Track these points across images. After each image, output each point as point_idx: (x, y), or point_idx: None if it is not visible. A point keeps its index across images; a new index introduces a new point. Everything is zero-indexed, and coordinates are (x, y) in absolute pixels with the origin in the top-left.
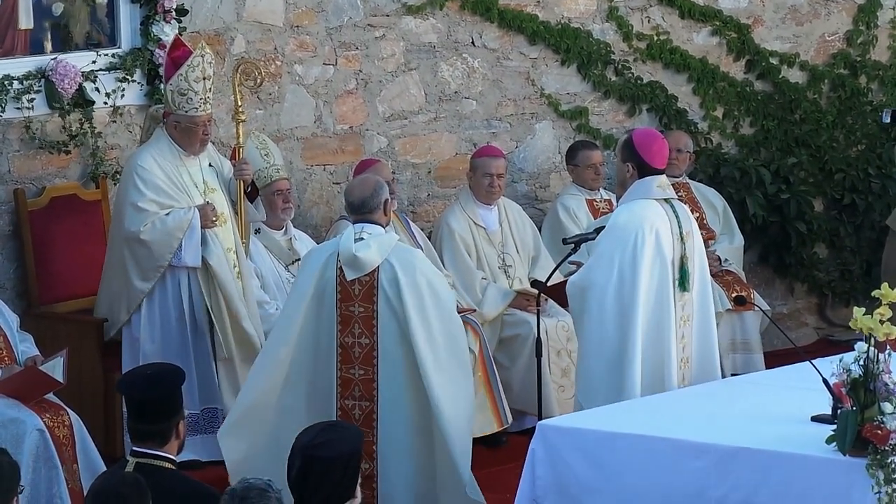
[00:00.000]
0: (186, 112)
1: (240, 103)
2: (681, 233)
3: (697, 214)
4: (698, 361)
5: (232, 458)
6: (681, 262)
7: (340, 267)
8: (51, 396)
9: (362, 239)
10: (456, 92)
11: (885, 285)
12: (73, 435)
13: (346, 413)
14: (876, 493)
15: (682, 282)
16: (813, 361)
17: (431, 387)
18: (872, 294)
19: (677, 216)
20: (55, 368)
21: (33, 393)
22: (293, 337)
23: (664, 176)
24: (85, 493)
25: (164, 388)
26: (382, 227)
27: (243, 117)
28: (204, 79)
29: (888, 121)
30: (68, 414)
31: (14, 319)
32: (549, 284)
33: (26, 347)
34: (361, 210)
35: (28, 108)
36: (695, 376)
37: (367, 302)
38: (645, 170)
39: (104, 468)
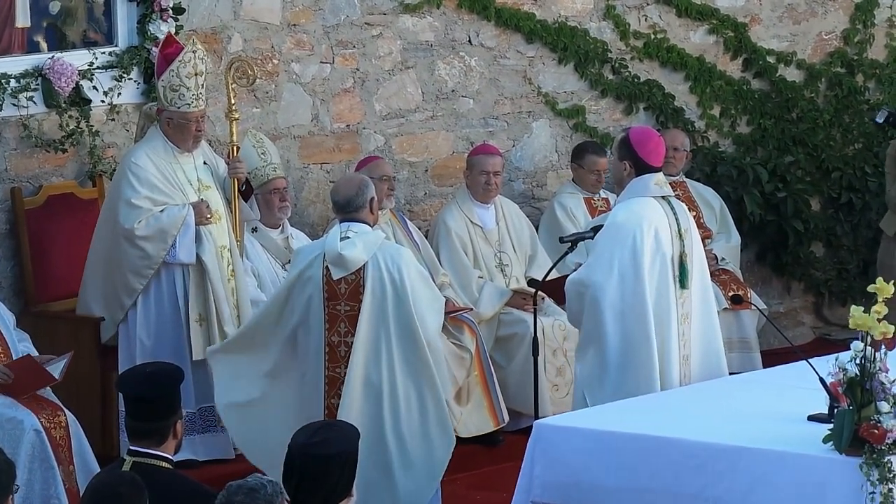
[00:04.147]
0: (179, 108)
1: (233, 101)
2: (679, 230)
3: (694, 213)
4: (701, 359)
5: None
6: (680, 259)
7: (327, 266)
8: (49, 395)
9: (348, 238)
10: (453, 90)
11: (879, 279)
12: (70, 436)
13: (332, 412)
14: (870, 493)
15: (682, 279)
16: (810, 360)
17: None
18: (868, 289)
19: (675, 214)
20: (56, 368)
21: (27, 385)
22: (276, 330)
23: (661, 174)
24: (81, 494)
25: (163, 387)
26: (369, 225)
27: (237, 115)
28: (196, 75)
29: (881, 121)
30: (65, 414)
31: (10, 318)
32: (546, 280)
33: (25, 347)
34: (347, 209)
35: (25, 107)
36: (697, 374)
37: (353, 300)
38: (642, 168)
39: (99, 470)
